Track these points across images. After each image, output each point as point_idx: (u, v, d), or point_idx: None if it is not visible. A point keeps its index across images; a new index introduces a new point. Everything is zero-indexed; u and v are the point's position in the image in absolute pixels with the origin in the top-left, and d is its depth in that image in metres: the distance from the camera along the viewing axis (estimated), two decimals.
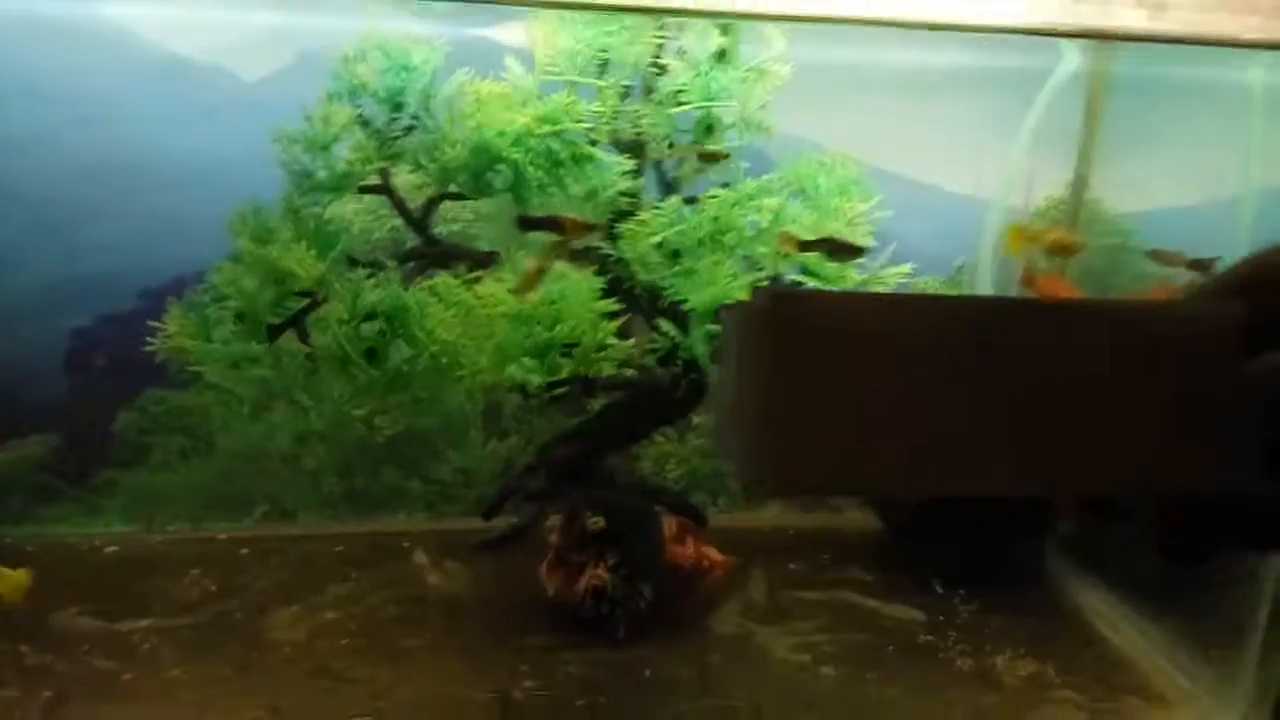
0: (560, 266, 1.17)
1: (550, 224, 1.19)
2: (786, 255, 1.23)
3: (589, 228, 1.19)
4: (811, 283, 1.31)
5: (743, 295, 1.20)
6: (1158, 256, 1.53)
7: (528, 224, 1.18)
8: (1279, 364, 0.31)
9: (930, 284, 1.78)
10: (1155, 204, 1.94)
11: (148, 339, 1.21)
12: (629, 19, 1.24)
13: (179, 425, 1.61)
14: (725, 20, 1.26)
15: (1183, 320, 0.30)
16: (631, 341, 1.19)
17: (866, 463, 0.29)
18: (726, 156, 1.28)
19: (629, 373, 1.30)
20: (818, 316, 0.29)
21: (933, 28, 1.18)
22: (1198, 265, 1.43)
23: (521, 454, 1.71)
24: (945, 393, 0.29)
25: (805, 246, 1.21)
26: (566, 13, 1.23)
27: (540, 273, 1.10)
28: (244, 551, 1.53)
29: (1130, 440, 0.30)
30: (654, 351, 1.25)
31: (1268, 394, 0.30)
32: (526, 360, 1.14)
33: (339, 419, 1.66)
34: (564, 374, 1.16)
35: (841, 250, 1.21)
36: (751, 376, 0.30)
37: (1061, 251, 1.48)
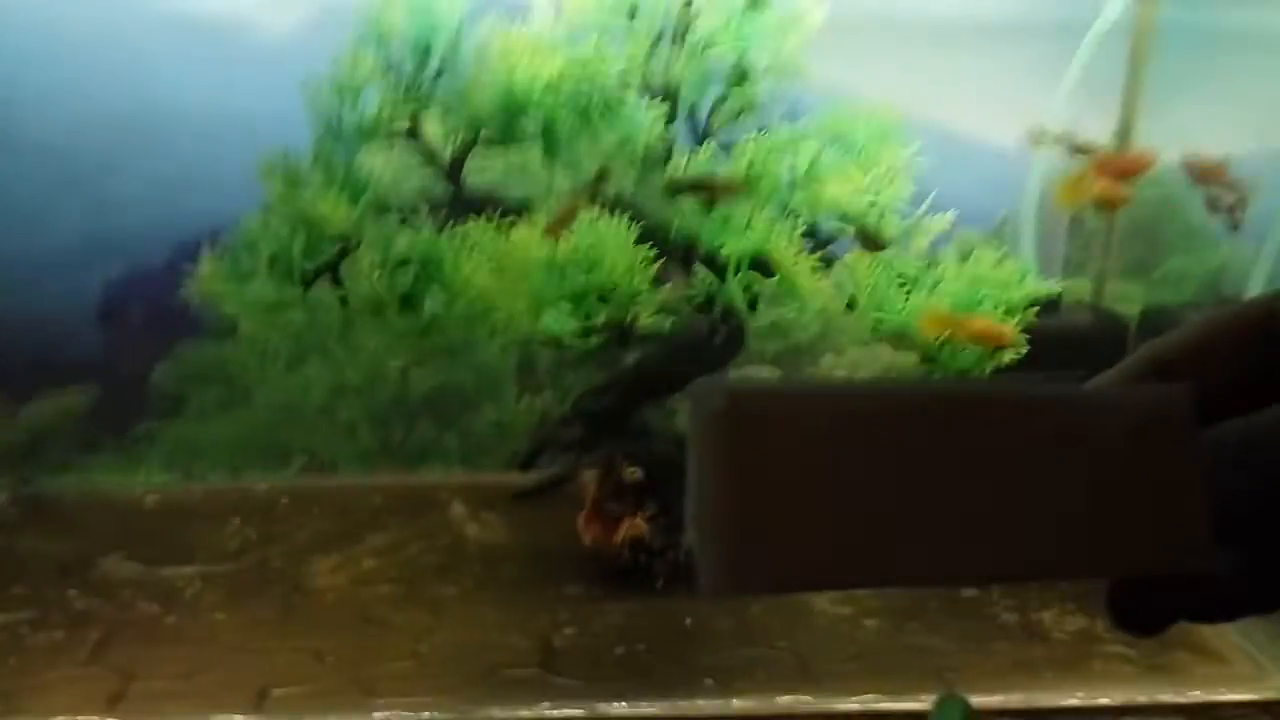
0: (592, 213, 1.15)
1: (700, 187, 1.17)
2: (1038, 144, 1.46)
3: (739, 188, 1.17)
4: (850, 230, 1.29)
5: (781, 242, 1.19)
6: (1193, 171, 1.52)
7: (677, 188, 1.16)
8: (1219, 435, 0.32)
9: (973, 237, 1.75)
10: (1204, 155, 1.89)
11: (181, 288, 1.21)
12: None
13: (216, 377, 1.62)
14: None
15: (1134, 403, 0.31)
16: (669, 285, 1.17)
17: (831, 559, 0.29)
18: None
19: (666, 323, 1.29)
20: (777, 415, 0.29)
21: None
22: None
23: (556, 409, 1.71)
24: (909, 483, 0.30)
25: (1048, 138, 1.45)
26: None
27: (573, 214, 1.09)
28: (284, 501, 1.54)
29: (1085, 524, 0.30)
30: (691, 299, 1.24)
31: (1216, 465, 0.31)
32: (563, 304, 1.13)
33: (374, 372, 1.67)
34: (600, 319, 1.14)
35: (1081, 149, 1.42)
36: (711, 481, 0.29)
37: (1107, 204, 1.44)
